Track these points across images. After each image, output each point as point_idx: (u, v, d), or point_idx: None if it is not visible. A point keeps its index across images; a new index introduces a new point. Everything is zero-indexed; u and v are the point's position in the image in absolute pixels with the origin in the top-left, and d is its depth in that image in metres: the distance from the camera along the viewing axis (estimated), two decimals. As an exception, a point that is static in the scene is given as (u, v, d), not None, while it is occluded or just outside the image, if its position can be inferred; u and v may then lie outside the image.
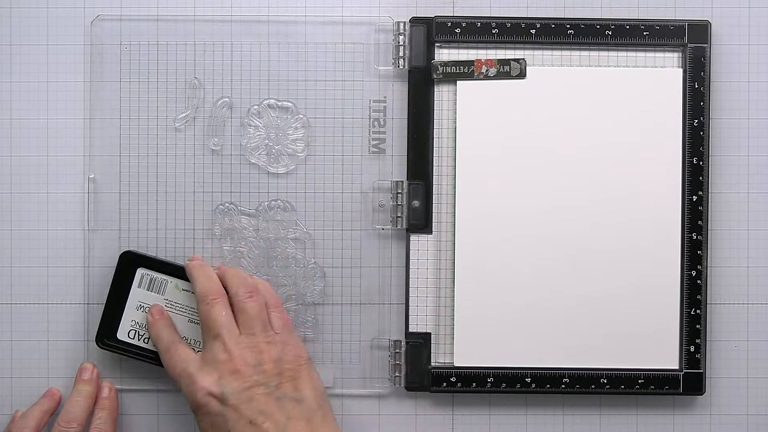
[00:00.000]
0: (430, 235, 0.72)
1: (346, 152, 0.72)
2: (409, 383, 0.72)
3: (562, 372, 0.71)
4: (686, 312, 0.71)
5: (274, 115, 0.72)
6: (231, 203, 0.72)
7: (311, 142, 0.72)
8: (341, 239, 0.72)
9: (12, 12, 0.72)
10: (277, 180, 0.72)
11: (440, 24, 0.71)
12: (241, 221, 0.72)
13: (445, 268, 0.72)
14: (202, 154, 0.72)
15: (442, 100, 0.72)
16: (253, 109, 0.72)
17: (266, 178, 0.72)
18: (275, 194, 0.72)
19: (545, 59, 0.72)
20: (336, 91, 0.72)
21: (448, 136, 0.72)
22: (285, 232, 0.72)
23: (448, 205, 0.72)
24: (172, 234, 0.72)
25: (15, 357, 0.72)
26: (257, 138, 0.72)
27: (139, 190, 0.72)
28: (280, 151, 0.72)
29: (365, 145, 0.72)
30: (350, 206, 0.73)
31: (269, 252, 0.72)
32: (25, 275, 0.72)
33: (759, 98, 0.73)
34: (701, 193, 0.71)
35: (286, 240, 0.72)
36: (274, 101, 0.72)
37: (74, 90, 0.72)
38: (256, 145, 0.72)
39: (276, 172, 0.72)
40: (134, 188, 0.72)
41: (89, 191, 0.72)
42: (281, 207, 0.72)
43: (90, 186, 0.72)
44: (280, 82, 0.72)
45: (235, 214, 0.72)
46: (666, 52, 0.72)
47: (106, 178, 0.72)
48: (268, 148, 0.72)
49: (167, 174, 0.72)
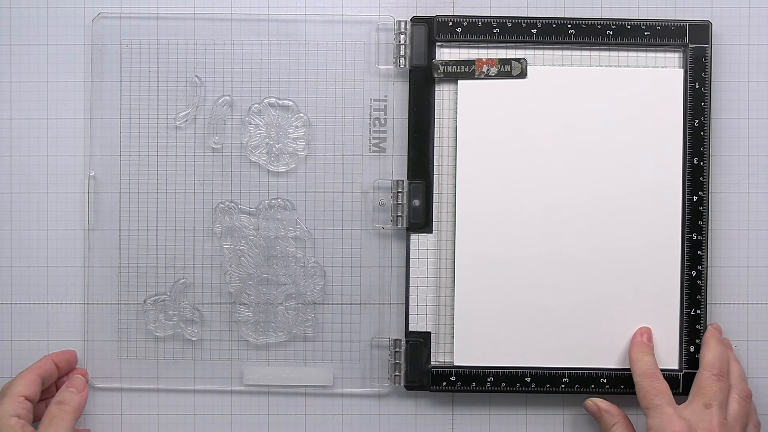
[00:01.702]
0: (431, 234, 0.72)
1: (347, 151, 0.72)
2: (409, 383, 0.72)
3: (562, 372, 0.71)
4: (686, 312, 0.71)
5: (274, 113, 0.72)
6: (231, 202, 0.72)
7: (311, 141, 0.72)
8: (341, 239, 0.72)
9: (12, 12, 0.72)
10: (278, 179, 0.72)
11: (441, 23, 0.71)
12: (241, 220, 0.72)
13: (445, 267, 0.72)
14: (203, 152, 0.72)
15: (443, 99, 0.72)
16: (254, 107, 0.72)
17: (266, 176, 0.72)
18: (275, 193, 0.72)
19: (546, 59, 0.72)
20: (336, 90, 0.72)
21: (448, 136, 0.72)
22: (285, 230, 0.72)
23: (449, 204, 0.72)
24: (172, 233, 0.72)
25: (15, 357, 0.72)
26: (257, 136, 0.72)
27: (140, 190, 0.72)
28: (280, 150, 0.72)
29: (365, 145, 0.72)
30: (350, 205, 0.72)
31: (269, 251, 0.72)
32: (25, 275, 0.72)
33: (759, 98, 0.73)
34: (701, 193, 0.71)
35: (286, 239, 0.72)
36: (275, 99, 0.72)
37: (74, 90, 0.72)
38: (256, 143, 0.72)
39: (276, 170, 0.72)
40: (134, 188, 0.72)
41: (89, 191, 0.72)
42: (281, 206, 0.72)
43: (90, 185, 0.72)
44: (281, 81, 0.72)
45: (235, 212, 0.72)
46: (667, 52, 0.72)
47: (106, 177, 0.72)
48: (268, 147, 0.72)
49: (167, 173, 0.72)
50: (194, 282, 0.72)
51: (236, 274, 0.72)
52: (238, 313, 0.72)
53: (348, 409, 0.73)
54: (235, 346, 0.72)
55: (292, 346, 0.73)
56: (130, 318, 0.72)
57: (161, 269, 0.72)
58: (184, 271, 0.72)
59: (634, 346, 0.71)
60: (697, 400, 0.67)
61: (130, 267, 0.72)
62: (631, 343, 0.71)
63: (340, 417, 0.73)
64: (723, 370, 0.68)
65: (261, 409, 0.73)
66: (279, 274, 0.72)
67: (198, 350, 0.72)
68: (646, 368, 0.69)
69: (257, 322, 0.72)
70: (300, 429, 0.73)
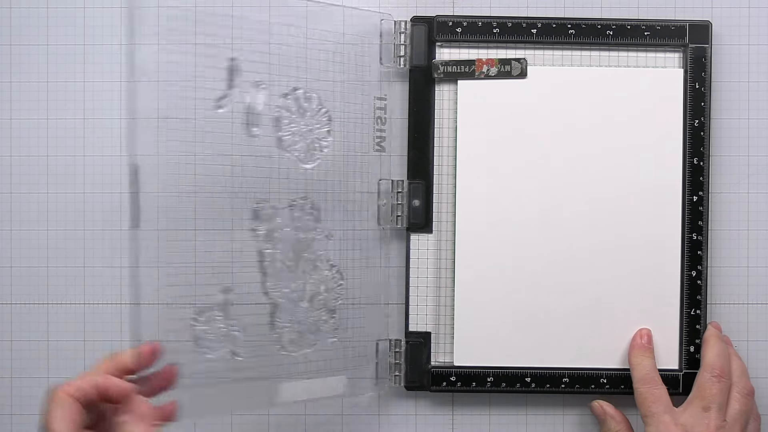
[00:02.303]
0: (431, 234, 0.72)
1: (348, 151, 0.72)
2: (409, 383, 0.72)
3: (562, 372, 0.71)
4: (686, 312, 0.71)
5: (301, 106, 0.69)
6: (265, 199, 0.69)
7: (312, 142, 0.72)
8: (341, 239, 0.72)
9: (12, 12, 0.72)
10: (305, 176, 0.69)
11: (441, 23, 0.71)
12: (274, 218, 0.69)
13: (445, 267, 0.72)
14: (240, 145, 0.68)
15: (443, 99, 0.72)
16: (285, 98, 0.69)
17: (296, 173, 0.69)
18: (303, 191, 0.69)
19: (546, 59, 0.72)
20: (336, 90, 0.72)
21: (448, 136, 0.72)
22: (314, 232, 0.70)
23: (449, 205, 0.72)
24: (212, 234, 0.67)
25: (15, 357, 0.72)
26: (290, 130, 0.69)
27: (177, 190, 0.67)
28: (309, 146, 0.70)
29: (368, 144, 0.72)
30: (351, 205, 0.72)
31: (298, 251, 0.70)
32: (25, 275, 0.72)
33: (759, 98, 0.73)
34: (701, 194, 0.71)
35: (314, 240, 0.70)
36: (302, 92, 0.70)
37: (74, 90, 0.72)
38: (290, 138, 0.69)
39: (305, 167, 0.69)
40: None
41: (130, 190, 0.65)
42: (311, 206, 0.70)
43: (131, 176, 0.64)
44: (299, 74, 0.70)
45: (267, 209, 0.69)
46: (667, 53, 0.72)
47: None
48: (307, 143, 0.70)
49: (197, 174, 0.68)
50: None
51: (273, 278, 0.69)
52: (276, 325, 0.69)
53: (348, 409, 0.73)
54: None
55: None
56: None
57: (204, 275, 0.67)
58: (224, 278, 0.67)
59: (633, 349, 0.71)
60: (696, 403, 0.67)
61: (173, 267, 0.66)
62: (630, 346, 0.71)
63: (340, 417, 0.73)
64: (724, 370, 0.68)
65: (261, 409, 0.73)
66: (310, 276, 0.70)
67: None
68: (644, 373, 0.69)
69: (299, 332, 0.69)
70: (300, 429, 0.73)
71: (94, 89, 0.72)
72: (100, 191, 0.72)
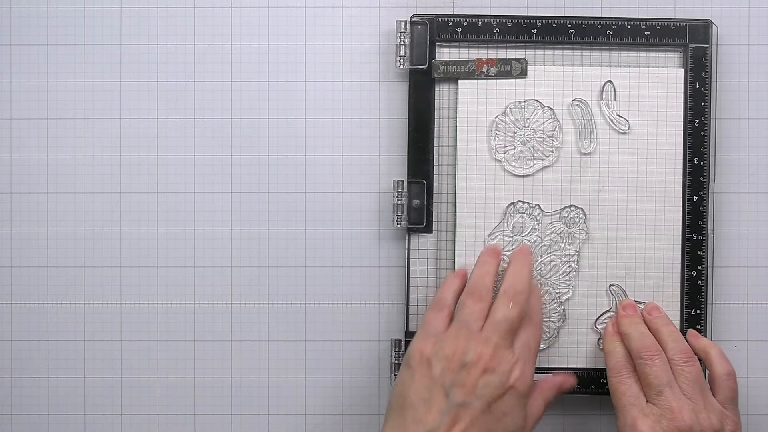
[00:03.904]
0: (430, 234, 0.72)
1: (346, 152, 0.72)
2: (409, 383, 0.72)
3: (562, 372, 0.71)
4: (686, 312, 0.71)
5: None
6: None
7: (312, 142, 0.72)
8: (341, 239, 0.72)
9: (12, 12, 0.72)
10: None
11: (441, 23, 0.71)
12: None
13: (445, 267, 0.72)
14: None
15: (443, 99, 0.72)
16: None
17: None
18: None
19: (546, 59, 0.72)
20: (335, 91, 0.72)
21: (448, 135, 0.72)
22: None
23: (449, 205, 0.72)
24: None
25: (15, 357, 0.72)
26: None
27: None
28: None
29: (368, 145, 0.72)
30: (351, 206, 0.72)
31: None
32: (25, 275, 0.72)
33: (760, 98, 0.73)
34: (702, 194, 0.71)
35: None
36: None
37: (74, 90, 0.72)
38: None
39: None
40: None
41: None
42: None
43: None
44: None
45: None
46: (667, 52, 0.72)
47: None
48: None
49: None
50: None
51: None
52: None
53: (348, 409, 0.73)
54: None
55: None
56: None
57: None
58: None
59: (605, 336, 0.69)
60: (649, 392, 0.65)
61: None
62: (603, 332, 0.70)
63: (340, 417, 0.73)
64: (650, 349, 0.67)
65: (261, 409, 0.73)
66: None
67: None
68: (614, 362, 0.68)
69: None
70: (300, 428, 0.73)
71: (94, 89, 0.72)
72: (100, 191, 0.72)
